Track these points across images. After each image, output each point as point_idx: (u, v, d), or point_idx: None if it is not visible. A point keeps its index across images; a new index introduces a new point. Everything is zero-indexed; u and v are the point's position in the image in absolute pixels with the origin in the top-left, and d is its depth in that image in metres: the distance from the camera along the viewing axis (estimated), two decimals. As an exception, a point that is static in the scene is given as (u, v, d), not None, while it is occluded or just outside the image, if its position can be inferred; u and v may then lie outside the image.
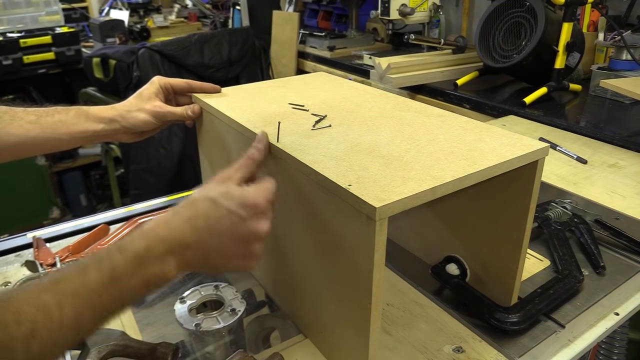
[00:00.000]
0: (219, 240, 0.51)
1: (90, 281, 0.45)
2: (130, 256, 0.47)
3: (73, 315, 0.43)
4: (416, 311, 0.71)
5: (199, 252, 0.51)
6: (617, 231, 0.85)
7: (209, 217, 0.51)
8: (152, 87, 0.81)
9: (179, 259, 0.50)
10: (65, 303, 0.43)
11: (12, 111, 0.74)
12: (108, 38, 2.71)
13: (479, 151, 0.58)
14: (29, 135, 0.73)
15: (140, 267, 0.48)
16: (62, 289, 0.44)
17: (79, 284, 0.45)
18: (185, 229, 0.50)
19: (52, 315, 0.42)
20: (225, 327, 0.66)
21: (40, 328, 0.41)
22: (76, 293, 0.44)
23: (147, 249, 0.48)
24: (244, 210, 0.51)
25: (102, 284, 0.45)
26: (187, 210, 0.51)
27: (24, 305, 0.41)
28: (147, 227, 0.50)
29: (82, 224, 0.96)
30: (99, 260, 0.47)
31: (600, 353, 1.14)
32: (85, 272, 0.45)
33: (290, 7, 2.65)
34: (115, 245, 0.49)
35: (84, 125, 0.77)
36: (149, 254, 0.48)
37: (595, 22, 1.71)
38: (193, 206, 0.51)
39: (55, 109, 0.77)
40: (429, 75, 1.78)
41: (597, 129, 1.30)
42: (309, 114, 0.72)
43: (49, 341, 0.42)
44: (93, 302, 0.45)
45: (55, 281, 0.44)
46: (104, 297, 0.45)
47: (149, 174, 2.26)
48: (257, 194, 0.52)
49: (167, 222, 0.50)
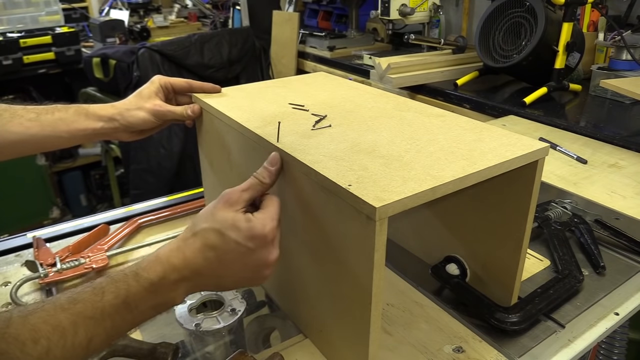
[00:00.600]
0: (229, 268, 0.53)
1: (105, 305, 0.46)
2: (145, 283, 0.49)
3: (86, 337, 0.45)
4: (416, 311, 0.71)
5: (212, 280, 0.53)
6: (617, 231, 0.85)
7: (218, 249, 0.51)
8: (152, 86, 0.81)
9: (190, 284, 0.52)
10: (80, 324, 0.44)
11: (11, 109, 0.74)
12: (108, 38, 2.71)
13: (479, 151, 0.58)
14: (28, 133, 0.73)
15: (153, 294, 0.49)
16: (78, 310, 0.45)
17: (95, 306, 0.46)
18: (197, 259, 0.51)
19: (66, 335, 0.43)
20: (225, 327, 0.66)
21: (54, 347, 0.42)
22: (91, 315, 0.45)
23: (162, 277, 0.50)
24: (251, 242, 0.52)
25: (117, 308, 0.47)
26: (198, 241, 0.52)
27: (41, 324, 0.43)
28: (162, 254, 0.51)
29: (82, 224, 0.96)
30: (115, 284, 0.48)
31: (600, 353, 1.14)
32: (101, 295, 0.47)
33: (290, 7, 2.65)
34: (130, 270, 0.50)
35: (83, 123, 0.77)
36: (163, 282, 0.50)
37: (595, 22, 1.71)
38: (202, 237, 0.52)
39: (55, 106, 0.77)
40: (429, 75, 1.78)
41: (597, 129, 1.30)
42: (309, 114, 0.72)
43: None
44: (106, 325, 0.46)
45: (73, 301, 0.45)
46: (116, 320, 0.47)
47: (149, 174, 2.26)
48: (264, 223, 0.52)
49: (180, 250, 0.52)
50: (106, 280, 0.49)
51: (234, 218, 0.52)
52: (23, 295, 0.76)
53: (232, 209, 0.53)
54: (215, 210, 0.53)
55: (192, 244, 0.52)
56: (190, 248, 0.52)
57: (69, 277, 0.78)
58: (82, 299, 0.46)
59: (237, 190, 0.55)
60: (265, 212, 0.54)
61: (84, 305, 0.46)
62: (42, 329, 0.42)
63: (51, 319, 0.43)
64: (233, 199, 0.54)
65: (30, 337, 0.42)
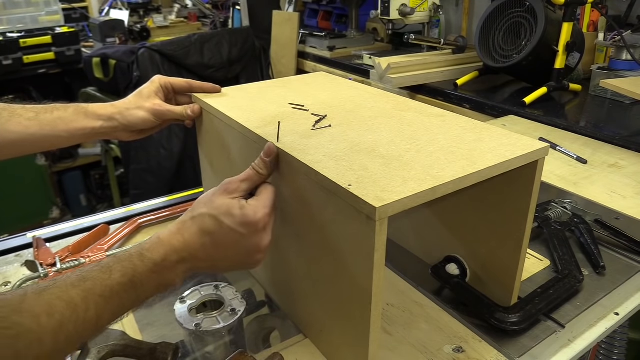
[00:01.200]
0: (224, 252, 0.56)
1: (114, 283, 0.49)
2: (150, 264, 0.52)
3: (95, 313, 0.47)
4: (416, 311, 0.71)
5: (207, 262, 0.56)
6: (617, 231, 0.85)
7: (213, 234, 0.55)
8: (153, 85, 0.81)
9: (188, 266, 0.55)
10: (91, 301, 0.47)
11: (10, 108, 0.74)
12: (108, 38, 2.71)
13: (479, 151, 0.58)
14: (27, 132, 0.74)
15: (156, 274, 0.52)
16: (88, 287, 0.47)
17: (104, 284, 0.48)
18: (196, 242, 0.55)
19: (78, 311, 0.46)
20: (225, 327, 0.66)
21: (67, 322, 0.45)
22: (101, 293, 0.48)
23: (164, 258, 0.53)
24: (244, 228, 0.55)
25: (124, 286, 0.50)
26: (195, 225, 0.55)
27: (55, 299, 0.45)
28: (164, 237, 0.55)
29: (82, 224, 0.96)
30: (122, 264, 0.51)
31: (600, 353, 1.14)
32: (109, 274, 0.49)
33: (290, 7, 2.65)
34: (135, 250, 0.53)
35: (82, 123, 0.77)
36: (165, 263, 0.53)
37: (595, 22, 1.71)
38: (200, 221, 0.55)
39: (54, 106, 0.77)
40: (429, 75, 1.78)
41: (597, 129, 1.30)
42: (309, 114, 0.72)
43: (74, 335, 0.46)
44: (114, 303, 0.49)
45: (82, 279, 0.48)
46: (123, 298, 0.50)
47: (149, 174, 2.26)
48: (257, 210, 0.55)
49: (180, 233, 0.55)
50: (113, 260, 0.51)
51: (229, 205, 0.55)
52: (23, 295, 0.76)
53: (229, 197, 0.56)
54: (214, 197, 0.56)
55: (190, 227, 0.55)
56: (189, 231, 0.55)
57: (69, 277, 0.78)
58: (91, 277, 0.48)
59: (236, 180, 0.58)
60: (258, 200, 0.56)
61: (94, 283, 0.48)
62: (56, 304, 0.44)
63: (64, 295, 0.45)
64: (231, 187, 0.57)
65: (45, 312, 0.44)
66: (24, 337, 0.42)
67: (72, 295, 0.46)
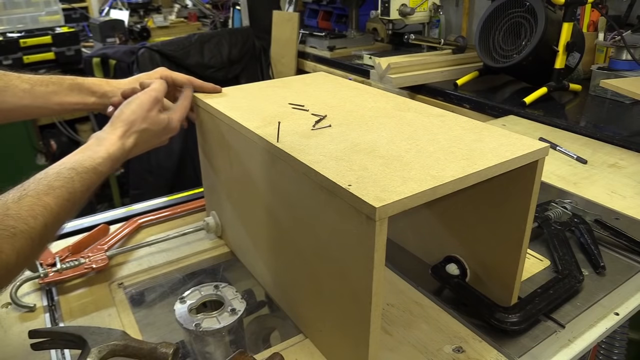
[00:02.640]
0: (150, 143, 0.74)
1: (77, 192, 0.59)
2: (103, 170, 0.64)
3: (66, 216, 0.58)
4: (416, 311, 0.71)
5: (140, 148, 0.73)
6: (617, 231, 0.85)
7: (147, 142, 0.73)
8: (153, 74, 0.83)
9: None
10: (62, 205, 0.56)
11: (6, 77, 0.76)
12: (108, 38, 2.71)
13: (479, 151, 0.58)
14: (20, 103, 0.76)
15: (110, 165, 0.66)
16: (57, 194, 0.56)
17: (69, 191, 0.58)
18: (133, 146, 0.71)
19: (53, 212, 0.54)
20: (225, 327, 0.66)
21: (49, 222, 0.53)
22: (68, 198, 0.57)
23: (111, 165, 0.66)
24: (164, 131, 0.75)
25: (84, 194, 0.61)
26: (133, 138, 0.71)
27: (33, 205, 0.53)
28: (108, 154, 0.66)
29: (82, 224, 0.96)
30: (80, 175, 0.60)
31: (600, 353, 1.14)
32: (72, 183, 0.59)
33: (290, 7, 2.65)
34: (90, 165, 0.63)
35: (76, 98, 0.80)
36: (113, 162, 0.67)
37: (595, 22, 1.71)
38: (139, 135, 0.71)
39: (50, 78, 0.79)
40: (429, 75, 1.78)
41: (597, 129, 1.30)
42: (309, 114, 0.72)
43: (52, 231, 0.55)
44: (77, 208, 0.60)
45: (51, 187, 0.56)
46: (85, 200, 0.61)
47: (149, 173, 2.26)
48: (172, 118, 0.76)
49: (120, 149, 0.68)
50: (71, 172, 0.60)
51: (157, 119, 0.72)
52: (23, 295, 0.76)
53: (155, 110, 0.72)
54: (147, 114, 0.71)
55: (129, 138, 0.69)
56: (128, 143, 0.69)
57: (68, 277, 0.78)
58: (57, 186, 0.57)
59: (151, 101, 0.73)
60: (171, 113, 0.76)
61: (61, 191, 0.57)
62: (35, 209, 0.52)
63: (39, 201, 0.54)
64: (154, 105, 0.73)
65: (30, 215, 0.51)
66: (19, 237, 0.49)
67: (46, 200, 0.54)
